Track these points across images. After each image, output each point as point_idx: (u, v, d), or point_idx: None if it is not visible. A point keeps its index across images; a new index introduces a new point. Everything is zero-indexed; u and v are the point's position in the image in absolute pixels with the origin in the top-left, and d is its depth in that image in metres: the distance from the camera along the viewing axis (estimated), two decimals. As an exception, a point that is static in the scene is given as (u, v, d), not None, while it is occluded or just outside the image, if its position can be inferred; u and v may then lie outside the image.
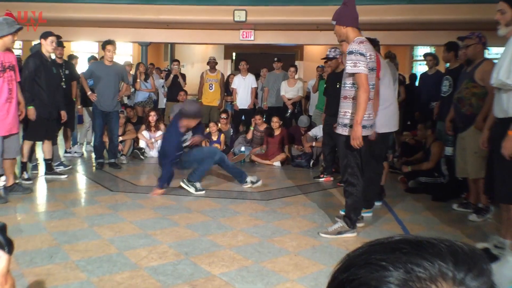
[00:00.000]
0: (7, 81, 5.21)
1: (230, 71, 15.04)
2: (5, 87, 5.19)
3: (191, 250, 3.86)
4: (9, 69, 5.24)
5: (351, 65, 4.05)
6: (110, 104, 7.36)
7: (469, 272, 0.54)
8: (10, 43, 5.26)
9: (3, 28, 5.10)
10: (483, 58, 5.03)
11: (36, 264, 3.47)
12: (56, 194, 5.91)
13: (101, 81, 7.32)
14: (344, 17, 4.27)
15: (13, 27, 5.17)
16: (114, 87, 7.39)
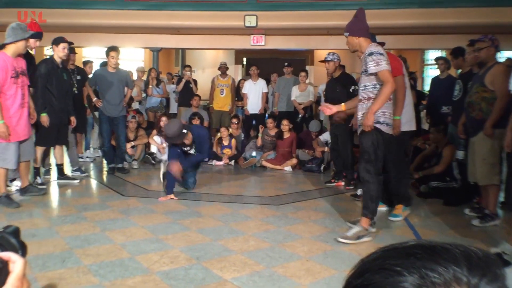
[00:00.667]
0: (20, 87, 5.26)
1: (240, 76, 15.05)
2: (19, 93, 5.25)
3: (203, 254, 3.87)
4: (21, 74, 5.30)
5: (374, 65, 4.20)
6: (116, 109, 7.42)
7: (483, 277, 0.54)
8: (23, 48, 5.28)
9: (17, 33, 5.13)
10: (495, 62, 4.97)
11: (48, 268, 3.49)
12: (68, 198, 5.94)
13: (105, 87, 7.39)
14: (356, 28, 4.45)
15: (26, 32, 5.21)
16: (119, 93, 7.44)
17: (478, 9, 9.32)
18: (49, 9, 10.23)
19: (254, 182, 7.51)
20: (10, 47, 5.17)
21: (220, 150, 8.84)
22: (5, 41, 5.17)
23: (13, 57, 5.20)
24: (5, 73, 5.07)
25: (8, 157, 5.24)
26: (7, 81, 5.10)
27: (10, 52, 5.16)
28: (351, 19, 4.57)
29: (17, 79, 5.21)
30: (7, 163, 5.26)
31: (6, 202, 5.30)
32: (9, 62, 5.12)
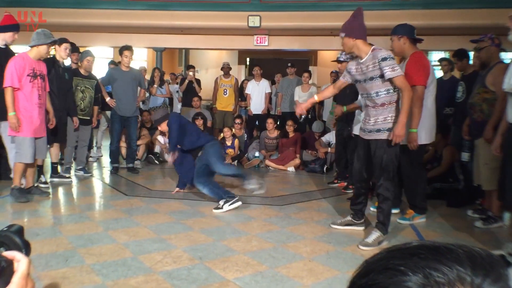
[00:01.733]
0: (37, 88, 5.48)
1: (244, 76, 15.06)
2: (35, 93, 5.47)
3: (206, 254, 3.87)
4: (39, 77, 5.53)
5: (390, 70, 4.07)
6: (129, 109, 7.44)
7: (486, 277, 0.54)
8: (45, 53, 5.61)
9: (40, 38, 5.49)
10: (497, 61, 4.90)
11: (51, 267, 3.50)
12: (71, 198, 5.96)
13: (119, 86, 7.40)
14: (354, 30, 4.29)
15: (49, 38, 5.54)
16: (132, 92, 7.46)
17: (482, 10, 9.32)
18: (52, 9, 10.26)
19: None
20: (33, 50, 5.52)
21: (223, 150, 8.85)
22: (30, 44, 5.51)
23: (35, 59, 5.51)
24: (22, 70, 5.33)
25: (24, 151, 5.42)
26: (22, 78, 5.34)
27: (32, 54, 5.49)
28: (348, 18, 4.43)
29: (34, 79, 5.44)
30: (23, 157, 5.43)
31: (17, 195, 5.44)
32: (27, 61, 5.42)
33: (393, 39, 4.88)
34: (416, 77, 4.60)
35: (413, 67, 4.67)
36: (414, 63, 4.70)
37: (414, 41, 4.89)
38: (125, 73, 7.43)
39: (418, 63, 4.70)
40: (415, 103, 4.54)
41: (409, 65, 4.70)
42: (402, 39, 4.80)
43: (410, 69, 4.66)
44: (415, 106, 4.56)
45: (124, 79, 7.40)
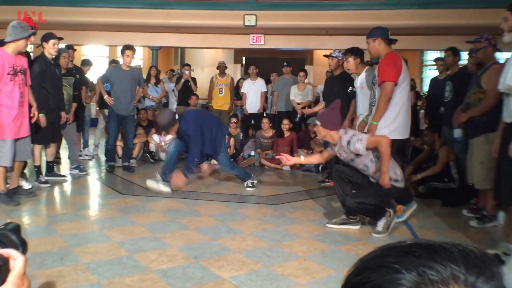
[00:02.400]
0: (18, 85, 5.24)
1: (240, 75, 15.05)
2: (17, 91, 5.23)
3: (201, 253, 3.88)
4: (20, 73, 5.27)
5: (359, 144, 4.44)
6: (127, 108, 7.43)
7: (480, 275, 0.55)
8: (23, 47, 5.27)
9: (17, 32, 5.14)
10: (493, 62, 4.93)
11: (47, 266, 3.50)
12: (67, 196, 5.95)
13: (118, 85, 7.38)
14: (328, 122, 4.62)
15: (26, 31, 5.19)
16: (131, 91, 7.44)
17: (477, 10, 9.34)
18: (48, 7, 10.21)
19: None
20: (10, 45, 5.17)
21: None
22: (5, 39, 5.19)
23: (13, 54, 5.20)
24: (1, 70, 5.07)
25: (4, 154, 5.20)
26: (3, 78, 5.10)
27: (10, 50, 5.17)
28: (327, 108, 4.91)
29: (15, 77, 5.19)
30: (2, 160, 5.23)
31: (6, 200, 5.28)
32: (7, 58, 5.12)
33: (369, 42, 5.05)
34: (386, 73, 4.78)
35: (384, 65, 4.85)
36: (386, 60, 4.87)
37: (389, 42, 5.01)
38: (126, 72, 7.42)
39: (389, 61, 4.85)
40: (382, 98, 4.77)
41: (381, 63, 4.91)
42: (377, 41, 4.98)
43: (381, 66, 4.87)
44: (382, 101, 4.79)
45: (124, 78, 7.38)
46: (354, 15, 9.99)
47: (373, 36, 4.98)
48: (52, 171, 6.74)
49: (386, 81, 4.75)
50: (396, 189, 4.49)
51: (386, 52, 4.94)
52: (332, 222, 4.85)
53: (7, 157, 5.22)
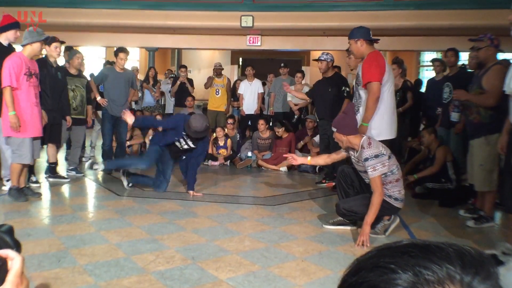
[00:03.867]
0: (33, 86, 5.48)
1: (236, 76, 15.06)
2: (32, 92, 5.46)
3: (198, 254, 3.87)
4: (34, 76, 5.53)
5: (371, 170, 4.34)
6: (120, 109, 7.41)
7: (476, 275, 0.55)
8: (38, 50, 5.62)
9: (33, 36, 5.44)
10: (495, 62, 4.87)
11: (44, 268, 3.49)
12: (64, 198, 5.94)
13: (111, 87, 7.39)
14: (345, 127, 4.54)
15: (42, 35, 5.51)
16: (124, 92, 7.45)
17: (474, 11, 9.37)
18: (46, 8, 10.23)
19: (249, 182, 7.52)
20: (26, 48, 5.48)
21: (216, 150, 8.85)
22: (22, 43, 5.48)
23: (29, 58, 5.49)
24: (19, 69, 5.30)
25: (24, 152, 5.43)
26: (20, 77, 5.31)
27: (26, 53, 5.46)
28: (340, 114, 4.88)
29: (30, 78, 5.42)
30: (23, 158, 5.44)
31: (16, 195, 5.46)
32: (24, 60, 5.38)
33: (350, 43, 5.08)
34: (370, 74, 4.79)
35: (367, 65, 4.86)
36: (368, 61, 4.87)
37: (371, 43, 5.03)
38: (119, 74, 7.42)
39: (372, 61, 4.85)
40: (370, 97, 4.78)
41: (364, 64, 4.90)
42: (359, 42, 4.99)
43: (364, 67, 4.87)
44: (370, 101, 4.79)
45: (117, 80, 7.39)
46: (350, 16, 10.01)
47: (354, 37, 4.99)
48: (55, 172, 6.76)
49: (371, 81, 4.77)
50: (393, 208, 4.50)
51: (368, 52, 4.96)
52: (329, 223, 4.85)
53: (28, 154, 5.47)
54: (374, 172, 4.26)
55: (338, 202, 4.68)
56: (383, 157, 4.29)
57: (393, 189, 4.43)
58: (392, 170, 4.39)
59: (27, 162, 5.50)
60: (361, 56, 5.07)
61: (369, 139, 4.42)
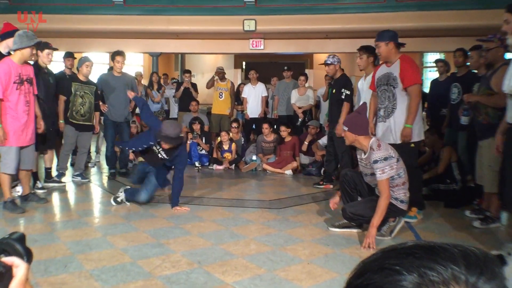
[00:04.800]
0: (24, 94, 5.28)
1: (240, 80, 15.06)
2: (22, 99, 5.26)
3: (204, 258, 3.88)
4: (26, 82, 5.32)
5: (380, 172, 4.32)
6: (121, 114, 7.43)
7: (481, 275, 0.55)
8: (29, 55, 5.34)
9: (23, 41, 5.19)
10: (503, 62, 4.82)
11: (50, 273, 3.50)
12: (69, 204, 5.95)
13: (111, 92, 7.39)
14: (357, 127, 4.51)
15: (32, 40, 5.25)
16: (124, 97, 7.43)
17: (477, 12, 9.34)
18: (49, 15, 10.23)
19: (254, 186, 7.52)
20: (16, 53, 5.24)
21: (221, 155, 8.86)
22: (11, 48, 5.26)
23: (19, 63, 5.24)
24: (8, 78, 5.10)
25: (8, 161, 5.25)
26: (9, 86, 5.13)
27: (16, 59, 5.22)
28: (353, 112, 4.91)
29: (21, 86, 5.24)
30: (7, 167, 5.26)
31: (11, 208, 5.31)
32: (13, 67, 5.16)
33: (380, 45, 5.11)
34: (413, 76, 4.91)
35: (409, 67, 4.96)
36: (409, 64, 4.99)
37: (398, 46, 5.12)
38: (117, 79, 7.42)
39: (412, 63, 5.02)
40: (414, 99, 4.87)
41: (406, 66, 4.97)
42: (389, 45, 5.04)
43: (407, 69, 4.94)
44: (414, 103, 4.88)
45: (116, 85, 7.39)
46: (353, 18, 10.00)
47: (385, 39, 5.06)
48: (50, 177, 6.78)
49: (416, 83, 4.89)
50: (398, 210, 4.50)
51: (398, 56, 5.06)
52: (335, 226, 4.85)
53: (12, 164, 5.26)
54: (383, 175, 4.25)
55: (345, 206, 4.67)
56: (392, 159, 4.28)
57: (399, 192, 4.43)
58: (399, 173, 4.38)
59: (11, 172, 5.29)
60: (388, 58, 5.13)
61: (378, 140, 4.42)
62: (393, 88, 5.04)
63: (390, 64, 5.11)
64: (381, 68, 5.26)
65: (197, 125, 9.10)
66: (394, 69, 5.04)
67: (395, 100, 5.02)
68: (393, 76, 5.03)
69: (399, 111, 4.99)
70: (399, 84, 4.97)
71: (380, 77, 5.21)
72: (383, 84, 5.15)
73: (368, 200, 4.60)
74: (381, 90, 5.18)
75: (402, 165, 4.43)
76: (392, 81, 5.03)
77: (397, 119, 5.00)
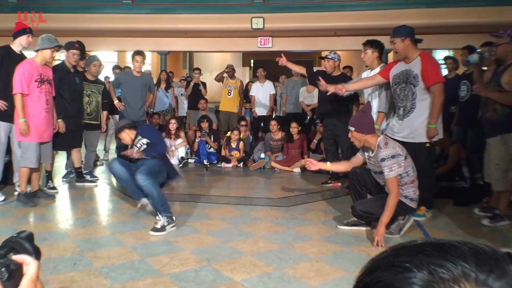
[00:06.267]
0: (44, 93, 5.56)
1: (248, 78, 15.08)
2: (43, 98, 5.55)
3: (213, 256, 3.88)
4: (46, 82, 5.60)
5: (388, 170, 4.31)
6: (137, 113, 7.49)
7: (491, 273, 0.55)
8: (49, 57, 5.61)
9: (44, 42, 5.52)
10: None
11: (60, 271, 3.52)
12: (79, 202, 5.97)
13: (128, 91, 7.46)
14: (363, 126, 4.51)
15: (53, 42, 5.55)
16: (141, 97, 7.49)
17: (486, 8, 9.30)
18: (57, 14, 10.32)
19: (263, 184, 7.52)
20: (38, 55, 5.57)
21: (229, 153, 8.87)
22: (35, 49, 5.57)
23: (41, 64, 5.56)
24: (30, 76, 5.39)
25: (29, 156, 5.50)
26: (31, 84, 5.40)
27: (38, 60, 5.55)
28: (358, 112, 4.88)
29: (41, 85, 5.51)
30: (28, 162, 5.51)
31: (24, 201, 5.50)
32: (35, 66, 5.46)
33: (396, 41, 4.99)
34: (436, 74, 4.84)
35: (431, 65, 4.88)
36: (430, 61, 4.91)
37: (415, 42, 4.99)
38: (136, 78, 7.48)
39: (434, 61, 4.95)
40: (438, 98, 4.81)
41: (428, 64, 4.87)
42: (406, 41, 4.93)
43: (429, 67, 4.85)
44: (438, 102, 4.82)
45: (134, 84, 7.45)
46: (361, 16, 9.99)
47: (401, 35, 4.95)
48: (82, 177, 6.89)
49: (440, 81, 4.82)
50: (408, 208, 4.48)
51: (417, 52, 4.97)
52: (343, 224, 4.84)
53: (33, 158, 5.53)
54: (391, 173, 4.24)
55: (354, 204, 4.65)
56: (400, 157, 4.27)
57: (408, 190, 4.41)
58: (408, 171, 4.37)
59: (32, 165, 5.55)
60: (405, 55, 5.04)
61: (385, 138, 4.41)
62: (413, 87, 4.94)
63: (409, 61, 4.99)
64: (399, 65, 5.14)
65: (205, 123, 9.11)
66: (414, 66, 4.92)
67: (414, 99, 4.94)
68: (414, 74, 4.92)
69: (418, 111, 4.93)
70: (420, 82, 4.87)
71: (397, 74, 5.10)
72: (402, 82, 5.04)
73: (377, 198, 4.59)
74: (399, 88, 5.09)
75: (410, 163, 4.41)
76: (413, 79, 4.93)
77: (417, 118, 4.94)
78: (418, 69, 4.89)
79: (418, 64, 4.90)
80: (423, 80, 4.85)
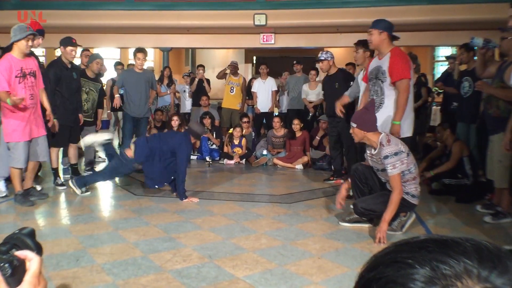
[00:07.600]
0: (27, 87, 5.28)
1: (251, 75, 15.07)
2: (27, 93, 5.25)
3: (215, 253, 3.89)
4: (29, 75, 5.32)
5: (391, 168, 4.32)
6: (141, 110, 7.51)
7: (494, 269, 0.55)
8: (25, 48, 5.25)
9: (16, 34, 5.20)
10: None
11: (62, 267, 3.53)
12: (81, 198, 5.98)
13: (132, 88, 7.48)
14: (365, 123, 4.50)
15: (24, 32, 5.21)
16: (144, 93, 7.52)
17: (488, 5, 9.26)
18: (59, 11, 10.30)
19: (265, 180, 7.52)
20: (14, 48, 5.24)
21: (231, 149, 8.87)
22: (9, 43, 5.29)
23: (20, 58, 5.26)
24: (8, 72, 5.10)
25: (17, 156, 5.29)
26: (11, 81, 5.12)
27: (15, 53, 5.24)
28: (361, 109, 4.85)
29: (23, 79, 5.24)
30: (15, 162, 5.32)
31: (21, 200, 5.37)
32: (14, 62, 5.17)
33: (373, 32, 4.95)
34: (402, 70, 4.74)
35: (399, 61, 4.79)
36: (400, 57, 4.83)
37: (392, 38, 4.97)
38: (138, 75, 7.50)
39: (402, 58, 4.85)
40: (402, 95, 4.73)
41: (396, 60, 4.81)
42: (383, 34, 4.90)
43: (397, 63, 4.78)
44: (402, 98, 4.73)
45: (137, 81, 7.47)
46: (364, 12, 9.95)
47: (379, 27, 4.91)
48: (77, 173, 6.84)
49: (404, 78, 4.73)
50: (409, 205, 4.48)
51: (390, 48, 4.90)
52: (345, 220, 4.84)
53: (21, 159, 5.30)
54: (394, 170, 4.24)
55: (356, 202, 4.65)
56: (402, 154, 4.26)
57: (410, 186, 4.41)
58: (410, 168, 4.36)
59: (20, 166, 5.34)
60: (377, 48, 5.02)
61: (388, 136, 4.39)
62: (381, 82, 4.91)
63: (381, 57, 4.95)
64: (374, 61, 5.14)
65: (207, 120, 9.10)
66: (384, 62, 4.88)
67: (383, 94, 4.89)
68: (382, 70, 4.89)
69: (386, 107, 4.87)
70: (387, 78, 4.82)
71: (371, 70, 5.08)
72: (373, 78, 5.02)
73: (379, 195, 4.59)
74: (371, 84, 5.07)
75: (412, 160, 4.41)
76: (381, 75, 4.90)
77: (384, 115, 4.86)
78: (386, 65, 4.84)
79: (387, 60, 4.85)
80: (389, 76, 4.81)
